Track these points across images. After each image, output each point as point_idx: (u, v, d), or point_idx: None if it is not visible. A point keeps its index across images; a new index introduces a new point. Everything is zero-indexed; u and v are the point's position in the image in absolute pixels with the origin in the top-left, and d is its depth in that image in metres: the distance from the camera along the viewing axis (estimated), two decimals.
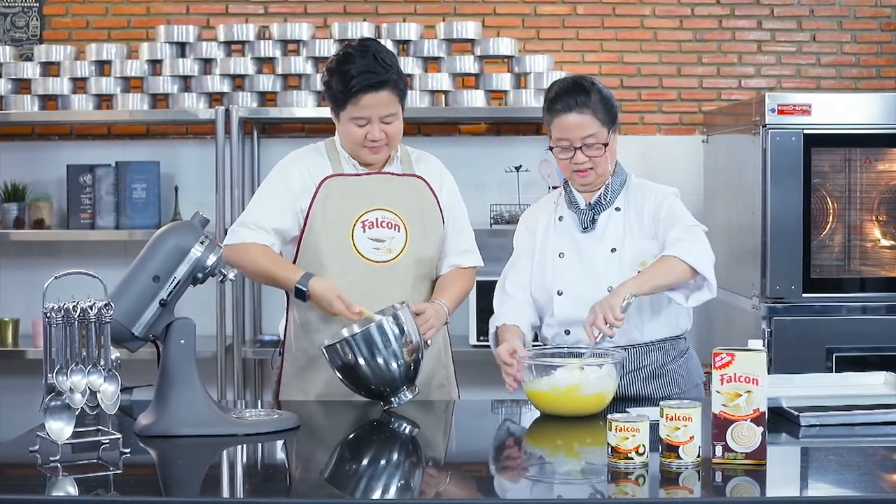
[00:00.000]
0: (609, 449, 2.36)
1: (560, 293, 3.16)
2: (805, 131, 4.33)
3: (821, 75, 5.21)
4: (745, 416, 2.37)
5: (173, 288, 2.69)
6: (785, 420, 2.77)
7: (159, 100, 4.92)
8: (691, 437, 2.34)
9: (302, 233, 3.23)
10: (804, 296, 4.35)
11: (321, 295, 3.09)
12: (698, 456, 2.36)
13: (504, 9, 5.21)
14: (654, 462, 2.36)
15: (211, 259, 2.72)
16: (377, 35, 4.85)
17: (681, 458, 2.34)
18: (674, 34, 5.21)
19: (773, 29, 5.22)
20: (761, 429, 2.37)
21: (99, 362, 2.48)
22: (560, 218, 3.23)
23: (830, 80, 5.21)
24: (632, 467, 2.33)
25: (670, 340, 3.20)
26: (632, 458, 2.33)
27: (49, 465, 2.40)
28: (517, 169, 4.97)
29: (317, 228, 3.21)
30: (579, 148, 3.10)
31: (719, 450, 2.38)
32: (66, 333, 2.46)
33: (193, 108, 4.82)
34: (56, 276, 2.52)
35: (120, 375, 2.52)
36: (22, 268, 5.13)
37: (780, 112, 4.31)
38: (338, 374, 2.98)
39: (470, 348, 4.72)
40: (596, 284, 3.12)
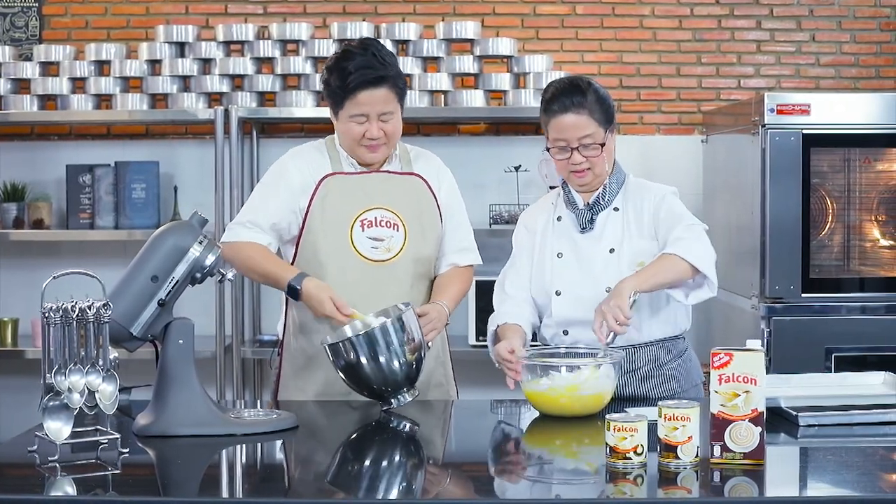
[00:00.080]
0: (607, 449, 2.36)
1: (558, 293, 3.15)
2: (804, 131, 4.32)
3: (820, 75, 5.22)
4: (743, 416, 2.37)
5: (172, 288, 2.69)
6: (783, 420, 2.77)
7: (158, 100, 4.92)
8: (689, 437, 2.34)
9: (301, 231, 3.23)
10: (803, 296, 4.35)
11: (314, 294, 3.09)
12: (697, 456, 2.35)
13: (503, 9, 5.21)
14: (653, 462, 2.36)
15: (209, 259, 2.72)
16: (376, 35, 4.85)
17: (679, 458, 2.34)
18: (673, 34, 5.21)
19: (772, 29, 5.22)
20: (759, 429, 2.37)
21: (97, 362, 2.48)
22: (559, 218, 3.23)
23: (830, 80, 5.21)
24: (630, 467, 2.33)
25: (669, 340, 3.19)
26: (630, 458, 2.33)
27: (47, 465, 2.40)
28: (516, 169, 4.97)
29: (315, 227, 3.21)
30: (576, 148, 3.10)
31: (717, 450, 2.38)
32: (65, 333, 2.46)
33: (193, 108, 4.82)
34: (54, 276, 2.53)
35: (118, 375, 2.53)
36: (21, 268, 5.13)
37: (780, 112, 4.31)
38: (339, 373, 2.97)
39: (469, 348, 4.72)
40: (594, 284, 3.12)
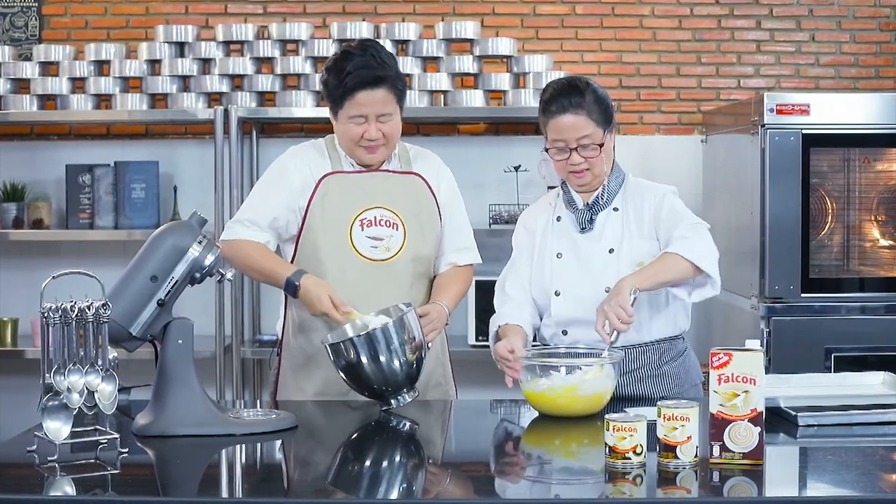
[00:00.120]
0: (607, 449, 2.36)
1: (558, 293, 3.15)
2: (804, 131, 4.32)
3: (820, 75, 5.22)
4: (742, 416, 2.37)
5: (171, 288, 2.69)
6: (783, 420, 2.77)
7: (158, 100, 4.92)
8: (689, 437, 2.34)
9: (300, 230, 3.23)
10: (803, 296, 4.35)
11: (312, 291, 3.08)
12: (696, 456, 2.36)
13: (503, 9, 5.21)
14: (652, 462, 2.36)
15: (209, 259, 2.72)
16: (376, 35, 4.85)
17: (678, 457, 2.34)
18: (673, 34, 5.21)
19: (772, 29, 5.22)
20: (759, 429, 2.37)
21: (97, 362, 2.48)
22: (558, 218, 3.23)
23: (829, 80, 5.21)
24: (629, 467, 2.33)
25: (668, 341, 3.19)
26: (629, 457, 2.33)
27: (47, 465, 2.40)
28: (516, 169, 4.97)
29: (315, 226, 3.21)
30: (575, 149, 3.10)
31: (717, 450, 2.38)
32: (64, 333, 2.46)
33: (192, 107, 4.82)
34: (54, 276, 2.53)
35: (117, 375, 2.53)
36: (21, 268, 5.13)
37: (779, 112, 4.31)
38: (340, 373, 2.97)
39: (469, 348, 4.72)
40: (594, 285, 3.12)
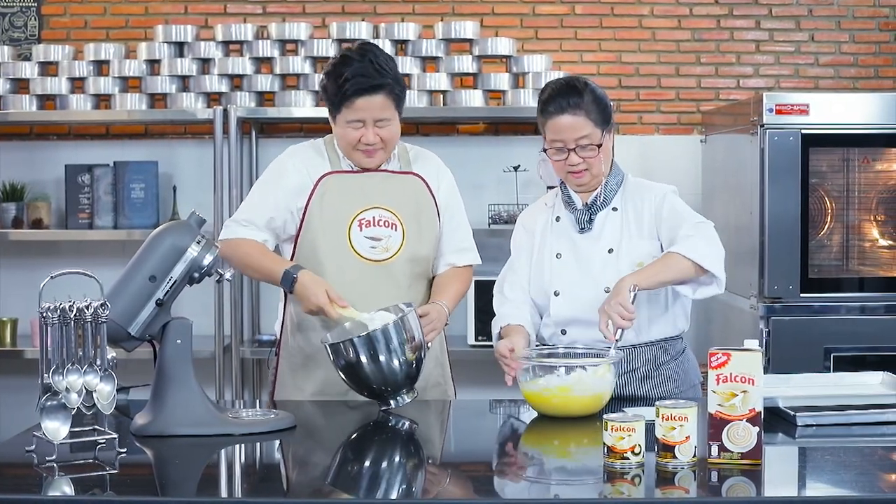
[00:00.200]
0: (605, 449, 2.36)
1: (557, 294, 3.15)
2: (803, 131, 4.32)
3: (819, 75, 5.22)
4: (740, 416, 2.37)
5: (170, 288, 2.69)
6: (781, 420, 2.77)
7: (157, 100, 4.92)
8: (687, 437, 2.34)
9: (299, 230, 3.23)
10: (802, 296, 4.35)
11: (309, 285, 3.07)
12: (694, 456, 2.35)
13: (502, 8, 5.21)
14: (651, 462, 2.36)
15: (207, 259, 2.72)
16: (375, 35, 4.85)
17: (677, 457, 2.34)
18: (672, 34, 5.21)
19: (771, 29, 5.22)
20: (757, 429, 2.37)
21: (95, 362, 2.48)
22: (557, 218, 3.23)
23: (829, 80, 5.21)
24: (628, 467, 2.33)
25: (667, 341, 3.19)
26: (628, 457, 2.33)
27: (45, 465, 2.40)
28: (515, 169, 4.97)
29: (314, 226, 3.21)
30: (573, 149, 3.10)
31: (715, 449, 2.38)
32: (63, 333, 2.45)
33: (192, 107, 4.82)
34: (52, 276, 2.52)
35: (116, 375, 2.52)
36: (20, 267, 5.13)
37: (778, 112, 4.31)
38: (339, 373, 2.97)
39: (468, 348, 4.72)
40: (593, 285, 3.12)
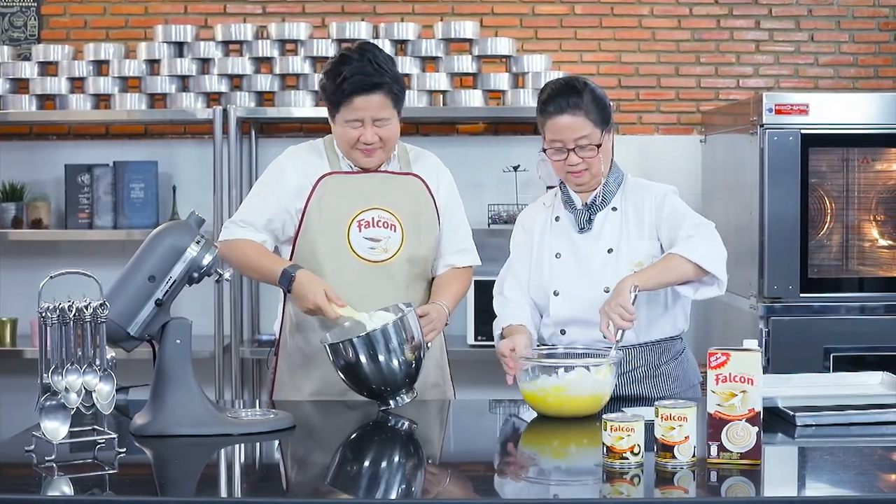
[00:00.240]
0: (604, 449, 2.36)
1: (556, 293, 3.15)
2: (802, 131, 4.32)
3: (819, 75, 5.22)
4: (740, 416, 2.37)
5: (169, 288, 2.69)
6: (781, 420, 2.77)
7: (157, 99, 4.92)
8: (686, 437, 2.34)
9: (297, 231, 3.23)
10: (802, 296, 4.35)
11: (306, 284, 3.07)
12: (693, 456, 2.35)
13: (502, 8, 5.21)
14: (650, 462, 2.36)
15: (206, 259, 2.72)
16: (375, 35, 4.85)
17: (676, 457, 2.34)
18: (672, 34, 5.21)
19: (771, 29, 5.22)
20: (756, 429, 2.37)
21: (94, 362, 2.48)
22: (557, 218, 3.23)
23: (828, 80, 5.21)
24: (627, 467, 2.33)
25: (667, 341, 3.19)
26: (627, 457, 2.33)
27: (44, 465, 2.40)
28: (515, 169, 4.97)
29: (313, 227, 3.21)
30: (572, 149, 3.10)
31: (714, 449, 2.38)
32: (62, 333, 2.45)
33: (191, 107, 4.82)
34: (51, 276, 2.52)
35: (115, 375, 2.52)
36: (20, 267, 5.13)
37: (778, 112, 4.31)
38: (339, 373, 2.97)
39: (468, 348, 4.72)
40: (593, 285, 3.12)
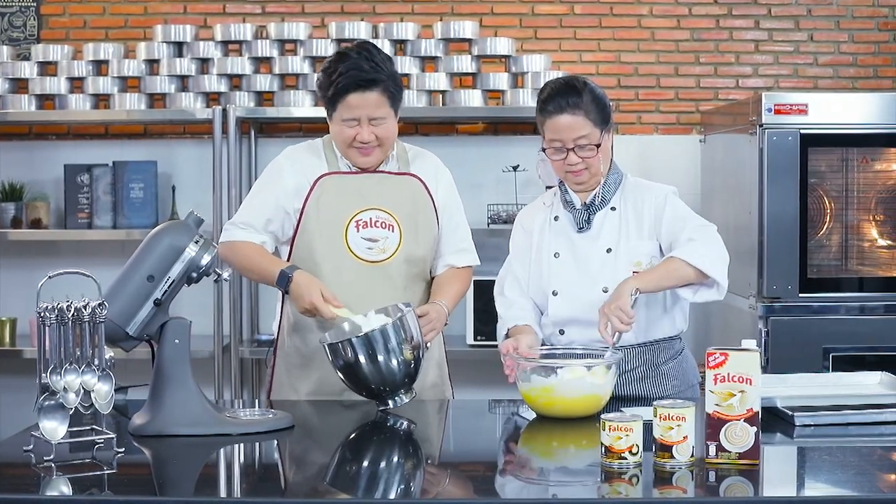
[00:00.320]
0: (603, 449, 2.36)
1: (555, 293, 3.15)
2: (802, 131, 4.32)
3: (818, 75, 5.21)
4: (738, 416, 2.37)
5: (168, 287, 2.69)
6: (780, 420, 2.77)
7: (157, 99, 4.92)
8: (685, 437, 2.34)
9: (295, 232, 3.23)
10: (801, 296, 4.34)
11: (303, 284, 3.07)
12: (692, 456, 2.36)
13: (501, 8, 5.21)
14: (648, 462, 2.36)
15: (205, 259, 2.72)
16: (374, 35, 4.85)
17: (674, 457, 2.34)
18: (671, 34, 5.21)
19: (770, 29, 5.22)
20: (755, 429, 2.37)
21: (93, 362, 2.48)
22: (556, 218, 3.23)
23: (828, 80, 5.21)
24: (625, 467, 2.33)
25: (666, 341, 3.19)
26: (625, 457, 2.33)
27: (43, 465, 2.40)
28: (514, 168, 4.97)
29: (311, 227, 3.21)
30: (572, 149, 3.09)
31: (713, 449, 2.38)
32: (60, 333, 2.45)
33: (191, 107, 4.82)
34: (50, 276, 2.52)
35: (114, 375, 2.52)
36: (19, 267, 5.13)
37: (777, 112, 4.31)
38: (338, 373, 2.97)
39: (467, 348, 4.72)
40: (591, 284, 3.12)
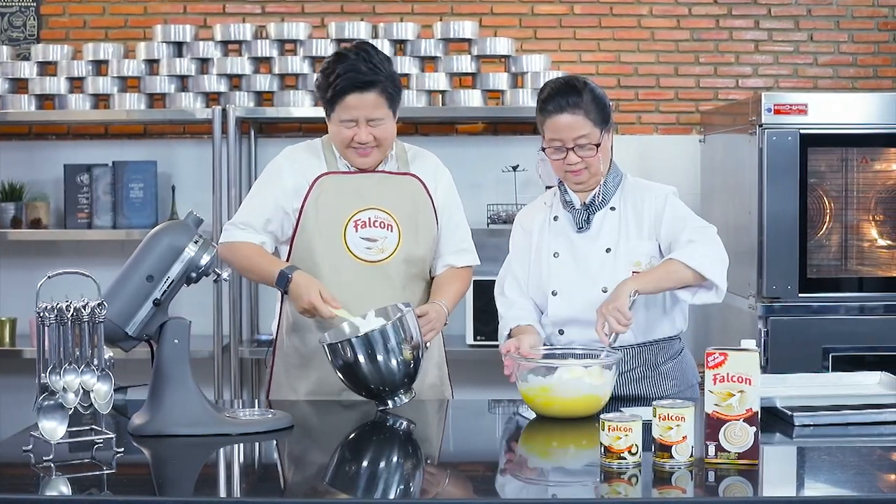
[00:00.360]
0: (602, 449, 2.36)
1: (555, 293, 3.15)
2: (802, 131, 4.32)
3: (818, 75, 5.21)
4: (737, 416, 2.37)
5: (167, 287, 2.69)
6: (779, 420, 2.77)
7: (156, 99, 4.92)
8: (684, 437, 2.34)
9: (294, 231, 3.23)
10: (801, 296, 4.34)
11: (302, 284, 3.07)
12: (691, 456, 2.36)
13: (501, 8, 5.21)
14: (647, 462, 2.36)
15: (205, 259, 2.72)
16: (374, 35, 4.85)
17: (673, 457, 2.34)
18: (671, 34, 5.21)
19: (770, 29, 5.22)
20: (754, 429, 2.37)
21: (92, 362, 2.48)
22: (555, 218, 3.22)
23: (828, 80, 5.21)
24: (625, 467, 2.33)
25: (666, 341, 3.19)
26: (624, 457, 2.33)
27: (42, 465, 2.40)
28: (514, 168, 4.97)
29: (309, 227, 3.21)
30: (571, 148, 3.09)
31: (712, 449, 2.38)
32: (60, 333, 2.46)
33: (190, 107, 4.82)
34: (49, 276, 2.52)
35: (113, 375, 2.52)
36: (19, 267, 5.13)
37: (777, 112, 4.31)
38: (337, 373, 2.97)
39: (466, 348, 4.72)
40: (591, 284, 3.11)
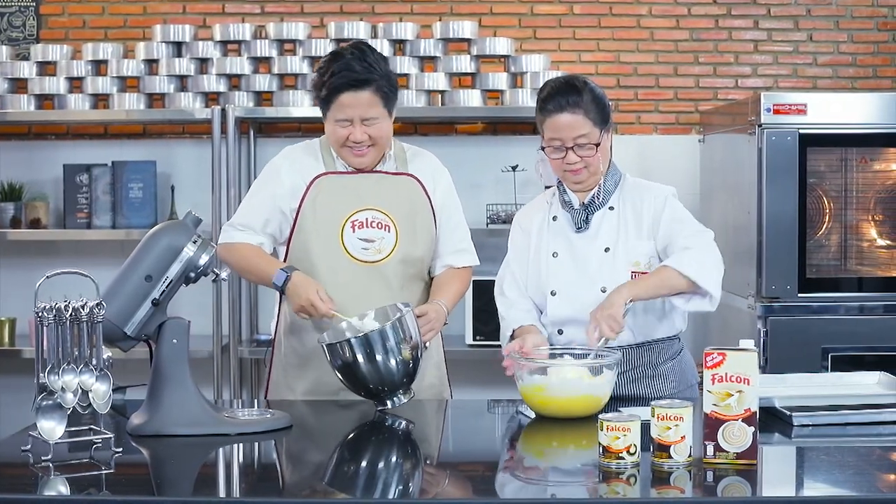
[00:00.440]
0: (601, 449, 2.36)
1: (554, 293, 3.15)
2: (801, 131, 4.32)
3: (817, 75, 5.21)
4: (736, 416, 2.37)
5: (166, 287, 2.69)
6: (778, 420, 2.77)
7: (156, 99, 4.92)
8: (682, 437, 2.34)
9: (292, 232, 3.23)
10: (800, 296, 4.34)
11: (301, 284, 3.08)
12: (690, 455, 2.36)
13: (500, 8, 5.21)
14: (646, 462, 2.36)
15: (203, 259, 2.72)
16: (373, 35, 4.85)
17: (672, 457, 2.34)
18: (670, 34, 5.21)
19: (769, 28, 5.22)
20: (752, 428, 2.37)
21: (91, 362, 2.48)
22: (554, 218, 3.22)
23: (827, 80, 5.21)
24: (623, 467, 2.33)
25: (665, 341, 3.19)
26: (623, 457, 2.33)
27: (41, 465, 2.41)
28: (513, 168, 4.97)
29: (307, 227, 3.21)
30: (571, 148, 3.09)
31: (711, 449, 2.38)
32: (58, 333, 2.46)
33: (190, 107, 4.82)
34: (47, 276, 2.52)
35: (112, 375, 2.53)
36: (18, 267, 5.13)
37: (776, 112, 4.31)
38: (336, 373, 2.97)
39: (466, 348, 4.72)
40: (590, 284, 3.11)
